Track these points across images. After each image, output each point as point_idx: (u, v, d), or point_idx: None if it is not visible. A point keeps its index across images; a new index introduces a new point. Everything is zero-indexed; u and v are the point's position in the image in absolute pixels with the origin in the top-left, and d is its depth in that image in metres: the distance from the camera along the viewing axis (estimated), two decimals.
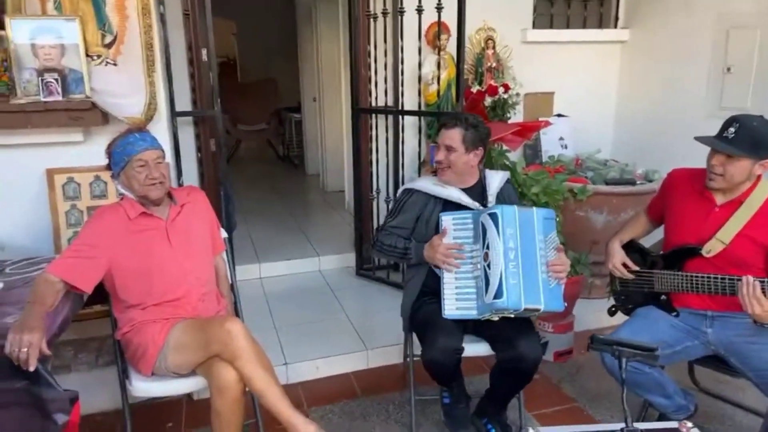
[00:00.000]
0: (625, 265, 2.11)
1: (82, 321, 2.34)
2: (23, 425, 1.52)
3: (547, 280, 1.89)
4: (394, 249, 2.13)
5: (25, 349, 1.43)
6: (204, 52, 3.11)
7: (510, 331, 1.94)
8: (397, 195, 2.30)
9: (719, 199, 1.90)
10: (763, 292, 1.71)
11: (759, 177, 1.85)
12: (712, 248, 1.89)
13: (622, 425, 1.36)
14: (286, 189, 6.13)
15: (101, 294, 1.93)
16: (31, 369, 1.43)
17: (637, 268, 2.09)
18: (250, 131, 7.72)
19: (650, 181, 3.19)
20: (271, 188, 6.14)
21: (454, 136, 2.07)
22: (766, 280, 1.73)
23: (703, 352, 2.00)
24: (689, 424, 1.50)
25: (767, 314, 1.71)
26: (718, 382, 2.49)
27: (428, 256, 2.04)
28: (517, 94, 3.43)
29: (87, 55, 2.33)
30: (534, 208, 1.96)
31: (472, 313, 1.94)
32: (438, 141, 2.13)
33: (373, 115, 3.41)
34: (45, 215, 2.43)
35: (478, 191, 2.15)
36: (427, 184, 2.17)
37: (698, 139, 1.86)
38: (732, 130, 1.79)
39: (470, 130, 2.07)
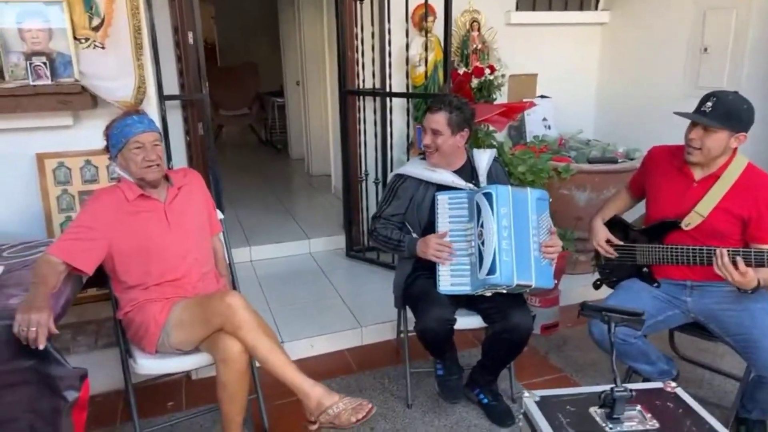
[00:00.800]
0: (608, 241, 2.19)
1: (78, 305, 2.35)
2: (32, 404, 1.55)
3: (539, 258, 1.96)
4: (389, 240, 2.18)
5: (34, 329, 1.45)
6: (190, 35, 3.10)
7: (503, 304, 2.02)
8: (389, 180, 2.33)
9: (697, 175, 1.98)
10: (734, 261, 1.78)
11: (734, 153, 1.93)
12: (691, 221, 1.97)
13: (612, 386, 1.44)
14: (271, 173, 6.12)
15: (97, 277, 1.95)
16: (41, 347, 1.46)
17: (620, 243, 2.18)
18: (231, 116, 7.66)
19: (631, 159, 3.28)
20: (256, 173, 6.13)
21: (439, 119, 2.09)
22: (741, 249, 1.81)
23: (683, 320, 2.10)
24: (673, 384, 1.60)
25: (747, 280, 1.79)
26: (697, 350, 2.61)
27: (421, 251, 2.09)
28: (503, 76, 3.47)
29: (75, 38, 2.31)
30: (528, 188, 2.02)
31: (466, 289, 2.01)
32: (424, 125, 2.16)
33: (361, 98, 3.44)
34: (36, 200, 2.42)
35: (468, 171, 2.20)
36: (419, 170, 2.20)
37: (678, 113, 1.94)
38: (709, 104, 1.86)
39: (455, 113, 2.08)
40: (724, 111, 1.84)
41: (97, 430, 2.19)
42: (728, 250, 1.81)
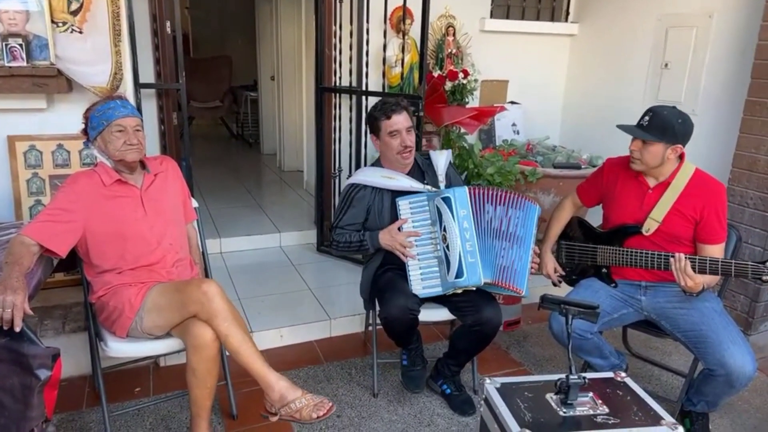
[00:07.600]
0: (556, 270, 2.34)
1: (45, 289, 2.35)
2: (2, 381, 1.55)
3: (528, 268, 2.07)
4: (350, 244, 2.22)
5: (9, 310, 1.45)
6: (168, 24, 3.10)
7: (475, 299, 2.11)
8: (343, 189, 2.32)
9: (651, 183, 2.12)
10: (693, 268, 1.94)
11: (682, 161, 2.08)
12: (650, 227, 2.11)
13: (567, 374, 1.55)
14: (243, 167, 6.11)
15: (66, 261, 1.93)
16: (17, 330, 1.46)
17: (563, 273, 2.34)
18: (203, 108, 7.59)
19: (594, 166, 3.43)
20: (227, 166, 6.10)
21: (407, 117, 2.17)
22: (697, 258, 1.96)
23: (636, 318, 2.23)
24: (623, 374, 1.72)
25: (696, 286, 1.95)
26: (647, 348, 2.77)
27: (386, 243, 2.14)
28: (476, 80, 3.58)
29: (52, 22, 2.30)
30: (537, 206, 2.12)
31: (438, 290, 2.09)
32: (395, 129, 2.14)
33: (337, 95, 3.49)
34: (6, 183, 2.41)
35: (418, 173, 2.27)
36: (375, 179, 2.23)
37: (620, 127, 2.09)
38: (646, 119, 2.03)
39: (410, 110, 2.21)
40: (658, 125, 1.99)
41: (63, 414, 2.17)
42: (686, 256, 1.95)
